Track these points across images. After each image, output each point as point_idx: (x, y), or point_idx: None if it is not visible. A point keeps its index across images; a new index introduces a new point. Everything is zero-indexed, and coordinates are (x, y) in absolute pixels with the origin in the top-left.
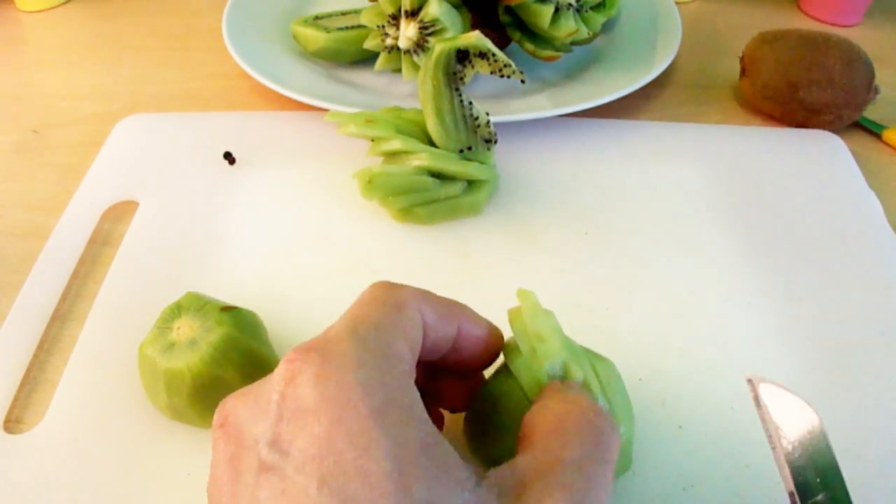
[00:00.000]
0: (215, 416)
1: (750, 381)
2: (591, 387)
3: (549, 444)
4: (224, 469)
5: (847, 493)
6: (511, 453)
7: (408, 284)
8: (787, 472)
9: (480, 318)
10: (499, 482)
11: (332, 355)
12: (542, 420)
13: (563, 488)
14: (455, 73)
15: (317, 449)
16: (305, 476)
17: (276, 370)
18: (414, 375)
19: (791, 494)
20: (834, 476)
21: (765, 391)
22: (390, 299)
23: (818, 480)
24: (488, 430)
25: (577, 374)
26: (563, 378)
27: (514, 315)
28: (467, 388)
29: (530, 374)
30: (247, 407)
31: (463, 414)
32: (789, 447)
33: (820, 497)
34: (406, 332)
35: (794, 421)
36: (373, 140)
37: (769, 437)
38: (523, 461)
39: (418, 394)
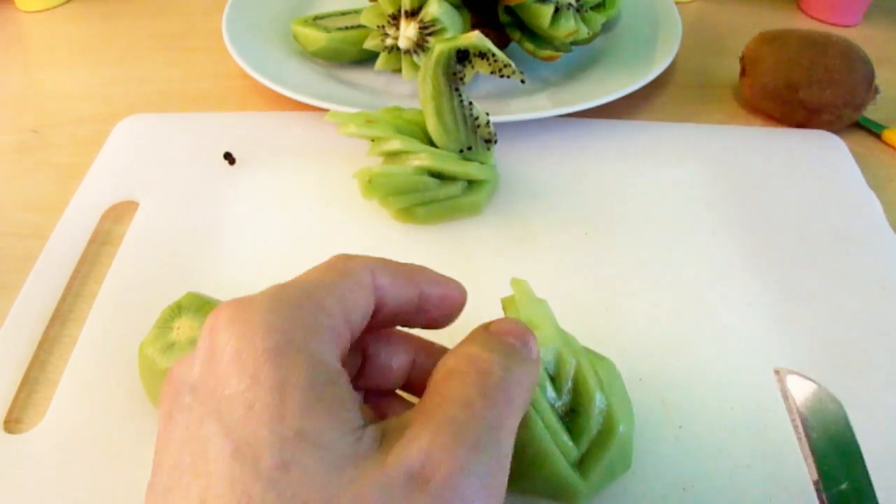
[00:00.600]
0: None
1: (777, 371)
2: (588, 381)
3: (440, 386)
4: (163, 423)
5: (870, 482)
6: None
7: (365, 255)
8: (811, 461)
9: (442, 276)
10: (384, 427)
11: (248, 302)
12: (443, 365)
13: (445, 420)
14: (455, 73)
15: (215, 384)
16: (204, 409)
17: (202, 336)
18: (339, 329)
19: (815, 483)
20: (858, 465)
21: (791, 382)
22: (338, 265)
23: (842, 470)
24: None
25: (570, 363)
26: (557, 369)
27: (507, 303)
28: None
29: None
30: (183, 364)
31: None
32: (814, 436)
33: (844, 486)
34: (342, 295)
35: (819, 411)
36: (373, 140)
37: (794, 426)
38: (415, 407)
39: (333, 347)
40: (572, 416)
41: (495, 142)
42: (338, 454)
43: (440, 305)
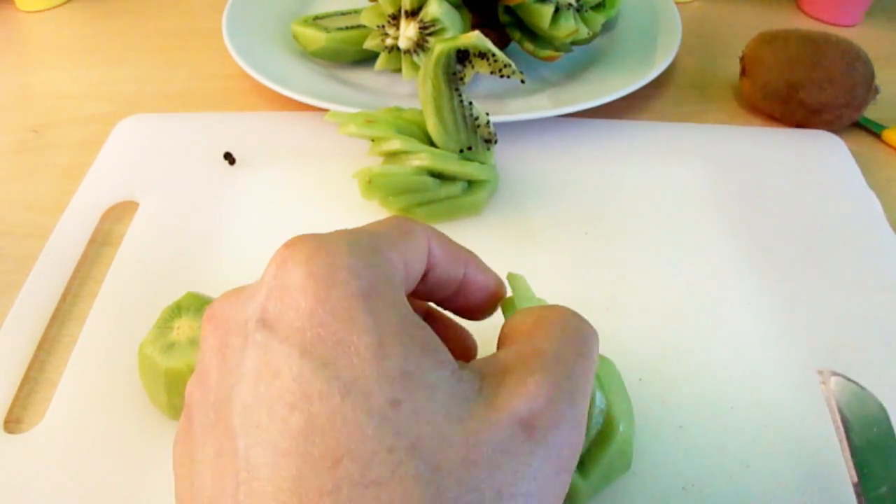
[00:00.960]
0: (203, 317)
1: (820, 373)
2: None
3: (531, 337)
4: (211, 357)
5: None
6: None
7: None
8: (851, 463)
9: (488, 268)
10: (480, 368)
11: (325, 242)
12: (524, 320)
13: (545, 371)
14: (455, 73)
15: (301, 321)
16: (289, 346)
17: (273, 257)
18: (403, 285)
19: (855, 485)
20: None
21: (834, 384)
22: (400, 224)
23: (882, 473)
24: None
25: None
26: None
27: (507, 304)
28: (461, 337)
29: None
30: (235, 299)
31: None
32: (855, 439)
33: (884, 490)
34: (404, 252)
35: (861, 414)
36: (373, 140)
37: (836, 428)
38: (504, 353)
39: (404, 295)
40: None
41: (495, 142)
42: (445, 393)
43: (479, 294)
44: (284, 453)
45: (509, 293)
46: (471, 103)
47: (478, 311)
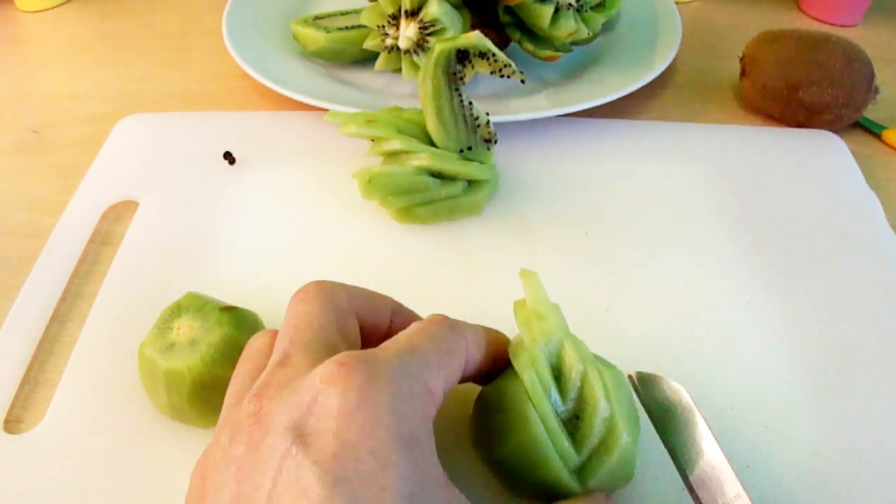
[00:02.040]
0: (248, 405)
1: (629, 376)
2: (593, 388)
3: None
4: (247, 446)
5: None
6: (511, 455)
7: (461, 323)
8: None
9: (498, 335)
10: None
11: (378, 375)
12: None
13: None
14: (455, 73)
15: (341, 451)
16: (324, 471)
17: (324, 368)
18: (434, 416)
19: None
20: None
21: (638, 380)
22: (446, 343)
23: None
24: (489, 431)
25: (577, 368)
26: (563, 374)
27: (518, 306)
28: None
29: (531, 370)
30: (282, 400)
31: (469, 415)
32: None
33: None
34: (447, 377)
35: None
36: (373, 140)
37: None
38: None
39: (434, 438)
40: (576, 422)
41: (495, 142)
42: None
43: (496, 366)
44: None
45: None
46: (471, 103)
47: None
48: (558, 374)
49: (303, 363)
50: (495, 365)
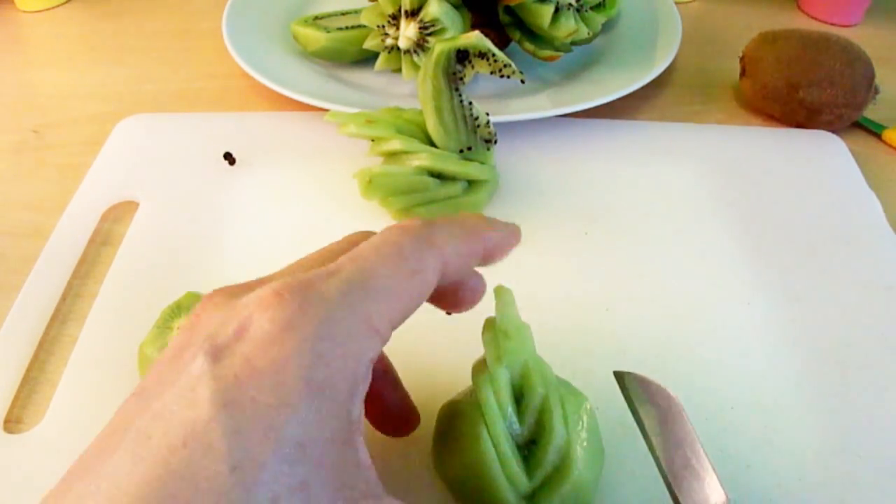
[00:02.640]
0: (196, 307)
1: (616, 374)
2: (551, 414)
3: None
4: (170, 353)
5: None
6: (462, 475)
7: (439, 228)
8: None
9: (504, 227)
10: None
11: (310, 308)
12: None
13: None
14: (455, 73)
15: (245, 376)
16: (220, 388)
17: (262, 290)
18: (379, 349)
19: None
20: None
21: (629, 380)
22: (410, 260)
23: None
24: (446, 448)
25: (538, 392)
26: (524, 395)
27: (487, 323)
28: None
29: (489, 389)
30: (216, 313)
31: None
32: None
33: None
34: (403, 307)
35: (659, 408)
36: (373, 140)
37: (640, 428)
38: None
39: (359, 401)
40: (532, 447)
41: (495, 142)
42: None
43: (496, 257)
44: (143, 481)
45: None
46: (471, 103)
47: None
48: (519, 397)
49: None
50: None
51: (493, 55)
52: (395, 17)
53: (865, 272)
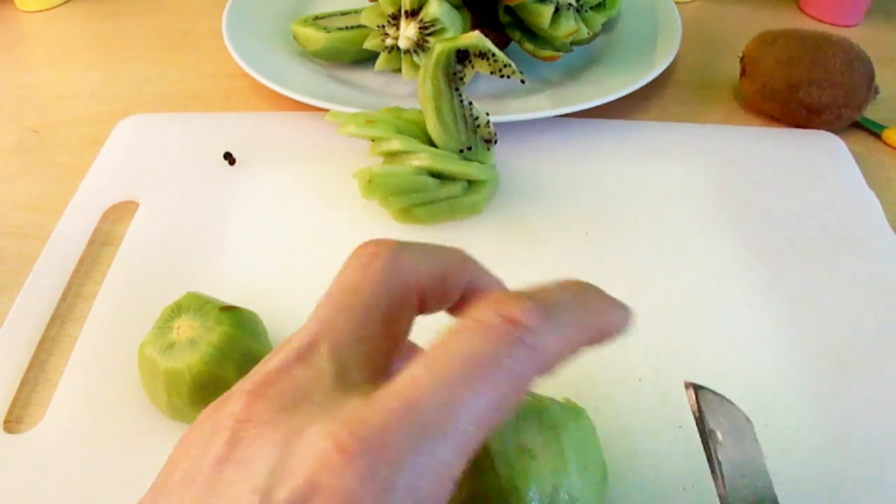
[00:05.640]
0: (236, 402)
1: (687, 386)
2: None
3: None
4: (213, 469)
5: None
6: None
7: (551, 317)
8: (719, 477)
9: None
10: None
11: (380, 474)
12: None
13: None
14: (455, 73)
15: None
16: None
17: (321, 443)
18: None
19: (722, 498)
20: (763, 482)
21: (703, 398)
22: (388, 286)
23: (747, 489)
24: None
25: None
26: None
27: None
28: None
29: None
30: (275, 429)
31: None
32: (722, 452)
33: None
34: (481, 438)
35: (731, 428)
36: (373, 140)
37: (703, 441)
38: None
39: None
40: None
41: (495, 142)
42: None
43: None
44: None
45: None
46: (471, 103)
47: None
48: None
49: (324, 368)
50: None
51: (494, 55)
52: (395, 18)
53: (865, 272)
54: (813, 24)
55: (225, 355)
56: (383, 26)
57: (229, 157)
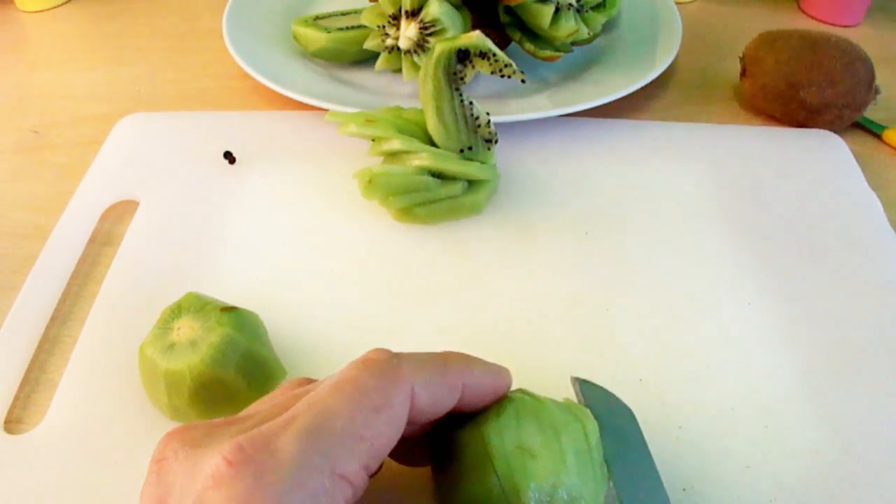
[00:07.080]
0: (157, 449)
1: (573, 380)
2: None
3: None
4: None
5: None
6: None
7: (407, 360)
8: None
9: (489, 366)
10: None
11: (267, 479)
12: None
13: None
14: (455, 73)
15: None
16: None
17: (216, 459)
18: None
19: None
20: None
21: (581, 388)
22: (374, 397)
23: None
24: (447, 478)
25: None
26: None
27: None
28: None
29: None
30: (184, 466)
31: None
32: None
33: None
34: (373, 449)
35: (612, 418)
36: (373, 140)
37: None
38: None
39: None
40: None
41: (495, 142)
42: None
43: (480, 399)
44: None
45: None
46: (471, 103)
47: (476, 409)
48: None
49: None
50: (469, 405)
51: (494, 55)
52: (395, 18)
53: (866, 272)
54: (813, 24)
55: (225, 356)
56: (383, 26)
57: (229, 157)
